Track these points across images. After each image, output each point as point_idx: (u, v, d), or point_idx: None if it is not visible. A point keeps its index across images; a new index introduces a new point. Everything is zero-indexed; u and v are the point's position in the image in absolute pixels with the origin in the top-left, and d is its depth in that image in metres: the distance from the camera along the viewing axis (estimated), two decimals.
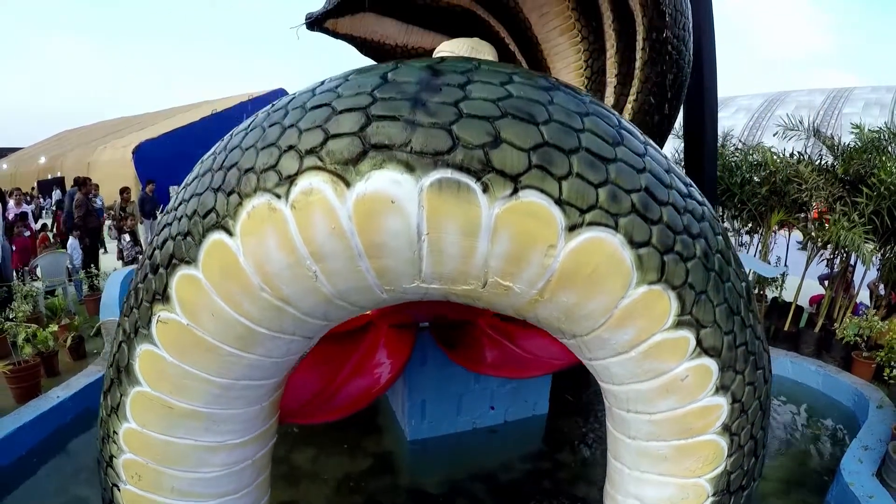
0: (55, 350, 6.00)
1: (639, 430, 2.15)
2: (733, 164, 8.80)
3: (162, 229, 1.92)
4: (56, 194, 29.49)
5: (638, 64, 4.81)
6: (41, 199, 34.25)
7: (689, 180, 1.93)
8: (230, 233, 1.68)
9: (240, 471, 2.28)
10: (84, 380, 5.44)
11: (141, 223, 14.54)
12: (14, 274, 8.50)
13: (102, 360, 5.92)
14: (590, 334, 1.89)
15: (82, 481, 4.29)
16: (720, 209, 9.24)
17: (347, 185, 1.53)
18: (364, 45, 6.25)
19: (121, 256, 11.09)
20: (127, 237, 11.11)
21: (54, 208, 12.61)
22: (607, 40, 5.06)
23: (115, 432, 2.11)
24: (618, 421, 2.25)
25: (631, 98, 4.96)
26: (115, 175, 32.86)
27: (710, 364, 1.89)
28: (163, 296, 1.85)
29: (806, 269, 8.12)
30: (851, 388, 6.00)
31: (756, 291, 8.80)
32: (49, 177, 39.69)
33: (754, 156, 8.84)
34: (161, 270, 1.85)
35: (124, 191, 13.07)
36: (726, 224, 9.66)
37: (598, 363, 2.05)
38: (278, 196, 1.59)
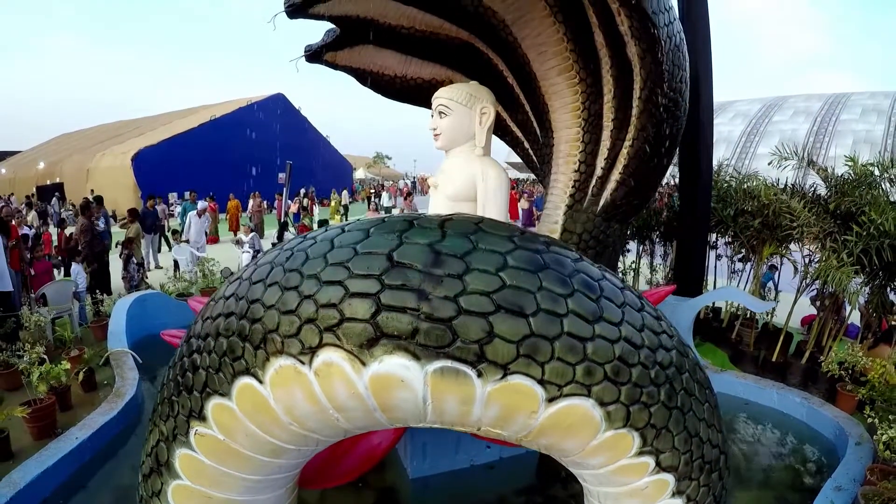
0: (68, 385, 6.16)
1: None
2: (727, 193, 8.96)
3: (192, 354, 2.14)
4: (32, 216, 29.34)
5: (634, 112, 4.96)
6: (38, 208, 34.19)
7: (661, 326, 2.18)
8: (260, 381, 1.93)
9: None
10: (100, 418, 5.56)
11: (142, 238, 14.75)
12: (21, 300, 8.63)
13: (115, 396, 6.09)
14: (566, 458, 2.23)
15: None
16: (714, 236, 9.46)
17: (363, 364, 1.79)
18: (363, 76, 6.52)
19: (128, 283, 11.30)
20: (134, 260, 11.33)
21: (56, 228, 12.67)
22: (605, 85, 5.17)
23: None
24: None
25: (627, 143, 5.12)
26: (114, 182, 33.24)
27: (668, 477, 2.20)
28: (199, 415, 2.09)
29: (796, 299, 8.28)
30: (833, 422, 6.09)
31: (747, 317, 9.00)
32: (48, 182, 39.92)
33: (747, 185, 8.97)
34: (196, 393, 2.08)
35: (132, 212, 13.35)
36: (720, 251, 9.89)
37: (574, 471, 2.44)
38: (302, 362, 1.84)
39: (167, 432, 2.23)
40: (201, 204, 17.56)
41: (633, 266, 11.14)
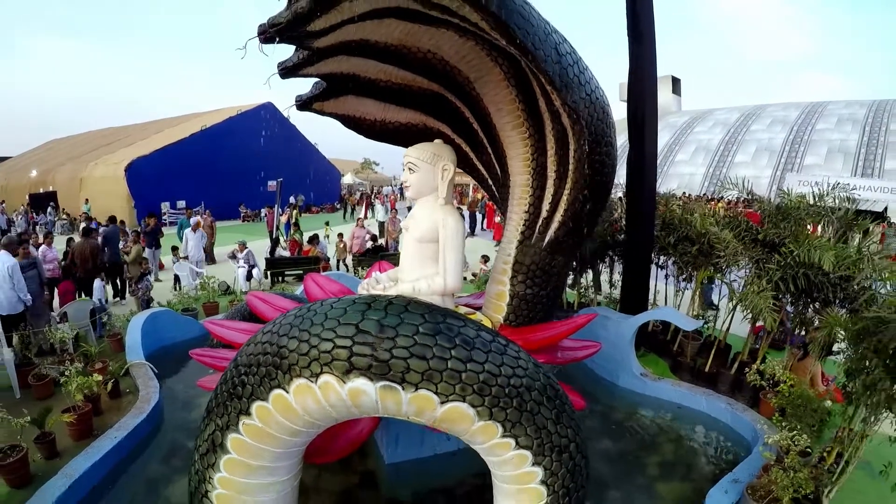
0: (98, 394, 7.17)
1: (498, 478, 3.83)
2: (671, 221, 9.85)
3: (240, 375, 3.43)
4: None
5: (571, 167, 5.77)
6: (35, 215, 34.57)
7: (517, 363, 3.46)
8: (287, 391, 3.25)
9: (286, 493, 3.84)
10: (133, 420, 6.61)
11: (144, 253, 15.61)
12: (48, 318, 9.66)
13: (143, 402, 7.17)
14: (463, 438, 3.52)
15: (141, 497, 5.68)
16: (660, 258, 10.50)
17: (343, 382, 3.13)
18: (347, 121, 7.27)
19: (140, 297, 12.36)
20: (151, 277, 12.36)
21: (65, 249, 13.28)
22: (548, 143, 5.94)
23: (210, 478, 3.57)
24: (492, 472, 3.89)
25: (565, 192, 5.95)
26: (107, 191, 33.85)
27: (526, 453, 3.47)
28: (246, 412, 3.37)
29: (731, 318, 9.16)
30: (751, 425, 6.93)
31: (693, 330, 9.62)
32: (41, 190, 40.36)
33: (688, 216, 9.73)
34: (245, 399, 3.36)
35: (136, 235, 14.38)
36: (665, 272, 10.94)
37: (472, 447, 3.68)
38: (311, 381, 3.18)
39: (222, 424, 3.49)
40: (193, 219, 18.19)
41: (594, 281, 12.10)
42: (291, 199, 38.05)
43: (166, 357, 8.80)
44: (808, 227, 8.54)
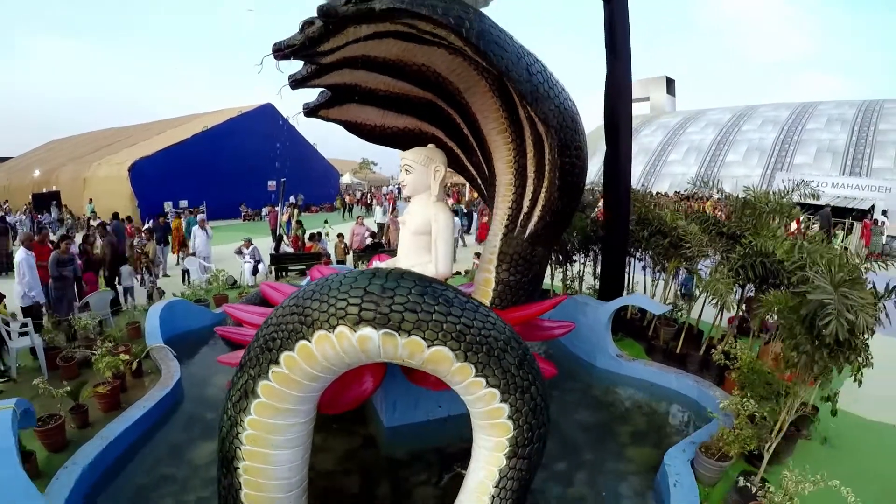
0: (124, 372, 7.97)
1: (474, 414, 4.45)
2: (645, 216, 10.60)
3: (271, 332, 4.15)
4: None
5: (547, 168, 6.35)
6: (39, 215, 34.72)
7: (488, 318, 4.16)
8: (309, 341, 3.94)
9: (303, 434, 4.46)
10: (159, 393, 7.41)
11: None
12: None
13: (166, 378, 7.95)
14: (445, 379, 4.20)
15: (166, 459, 6.36)
16: (638, 251, 11.20)
17: (354, 331, 3.81)
18: (349, 126, 7.88)
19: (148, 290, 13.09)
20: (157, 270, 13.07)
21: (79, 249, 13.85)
22: (527, 147, 6.56)
23: (241, 421, 4.23)
24: (470, 412, 4.50)
25: (543, 190, 6.53)
26: (111, 191, 34.31)
27: (495, 391, 4.14)
28: (276, 361, 4.07)
29: (704, 304, 9.89)
30: (714, 399, 7.37)
31: (667, 316, 10.61)
32: (44, 190, 40.36)
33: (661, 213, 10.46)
34: (275, 351, 4.06)
35: (149, 231, 15.15)
36: (642, 263, 11.63)
37: (452, 387, 4.30)
38: (329, 331, 3.86)
39: (254, 373, 4.16)
40: (199, 217, 19.01)
41: (580, 274, 12.83)
42: (291, 199, 38.45)
43: (181, 343, 9.45)
44: (793, 224, 9.08)
